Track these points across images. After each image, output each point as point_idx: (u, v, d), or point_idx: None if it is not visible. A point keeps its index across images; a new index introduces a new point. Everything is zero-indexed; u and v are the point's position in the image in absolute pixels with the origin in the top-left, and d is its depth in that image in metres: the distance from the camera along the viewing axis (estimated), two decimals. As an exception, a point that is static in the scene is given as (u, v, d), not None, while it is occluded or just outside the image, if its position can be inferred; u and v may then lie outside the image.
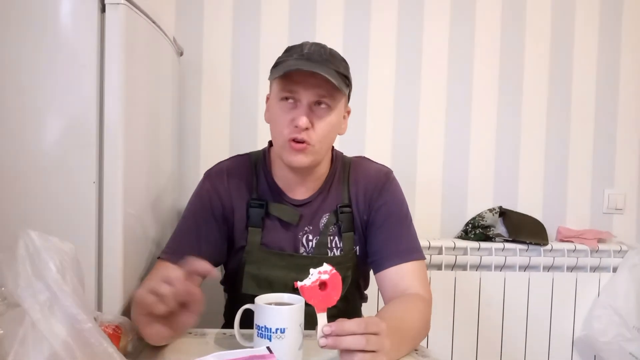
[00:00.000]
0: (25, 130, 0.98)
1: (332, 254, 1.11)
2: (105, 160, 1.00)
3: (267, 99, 1.12)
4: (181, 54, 1.66)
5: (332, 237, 1.12)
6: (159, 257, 1.09)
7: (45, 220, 0.98)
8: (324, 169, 1.13)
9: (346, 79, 1.05)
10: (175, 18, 1.78)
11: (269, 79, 1.08)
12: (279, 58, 1.07)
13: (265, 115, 1.12)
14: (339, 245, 1.12)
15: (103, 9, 0.99)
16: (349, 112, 1.13)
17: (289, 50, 1.06)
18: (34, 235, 0.65)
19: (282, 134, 1.03)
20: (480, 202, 1.95)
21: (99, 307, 1.00)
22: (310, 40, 1.09)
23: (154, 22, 1.21)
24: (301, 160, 1.03)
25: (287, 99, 1.02)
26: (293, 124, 1.01)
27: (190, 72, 1.78)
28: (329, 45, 1.07)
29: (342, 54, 1.08)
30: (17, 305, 0.64)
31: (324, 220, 1.12)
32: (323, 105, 1.02)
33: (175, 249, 1.08)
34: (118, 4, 0.98)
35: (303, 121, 0.99)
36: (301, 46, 1.05)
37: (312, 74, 0.98)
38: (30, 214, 0.98)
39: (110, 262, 1.01)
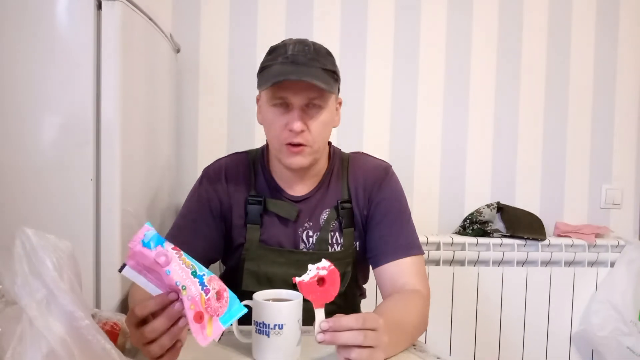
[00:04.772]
0: (22, 128, 0.98)
1: (332, 250, 1.12)
2: (102, 158, 1.00)
3: (258, 99, 1.11)
4: (178, 51, 1.65)
5: (333, 233, 1.12)
6: (156, 254, 1.08)
7: (42, 217, 0.98)
8: (322, 165, 1.13)
9: (334, 74, 1.04)
10: (172, 15, 1.78)
11: (257, 88, 1.05)
12: (264, 62, 1.04)
13: (258, 117, 1.11)
14: (339, 241, 1.12)
15: (99, 6, 0.98)
16: (340, 104, 1.13)
17: (273, 52, 1.04)
18: (30, 233, 0.65)
19: (278, 138, 1.03)
20: (478, 197, 1.96)
21: (97, 304, 1.01)
22: (310, 38, 1.08)
23: (150, 19, 1.21)
24: (300, 161, 1.04)
25: (278, 104, 1.02)
26: (287, 129, 1.01)
27: (187, 69, 1.78)
28: (327, 43, 1.06)
29: (339, 51, 1.07)
30: (14, 303, 0.64)
31: (324, 216, 1.12)
32: (315, 106, 1.02)
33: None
34: (114, 0, 0.98)
35: (297, 126, 0.99)
36: (285, 47, 1.02)
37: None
38: (27, 212, 0.98)
39: (108, 259, 1.01)
